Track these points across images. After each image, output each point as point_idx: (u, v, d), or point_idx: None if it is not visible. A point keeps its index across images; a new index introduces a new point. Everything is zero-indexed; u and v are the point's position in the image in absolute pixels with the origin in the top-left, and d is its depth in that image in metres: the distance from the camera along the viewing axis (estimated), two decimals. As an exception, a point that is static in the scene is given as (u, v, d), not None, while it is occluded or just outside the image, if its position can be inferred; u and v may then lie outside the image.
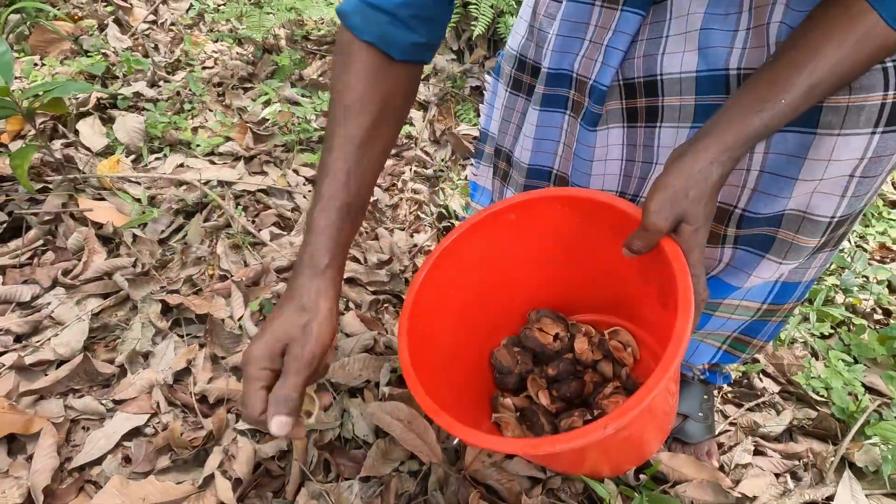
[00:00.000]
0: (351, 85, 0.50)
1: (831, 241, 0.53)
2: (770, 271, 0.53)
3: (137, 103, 1.27)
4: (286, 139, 1.14)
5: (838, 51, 0.39)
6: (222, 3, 1.72)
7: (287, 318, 0.44)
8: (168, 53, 1.59)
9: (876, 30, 0.39)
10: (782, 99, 0.41)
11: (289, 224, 0.97)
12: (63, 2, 1.72)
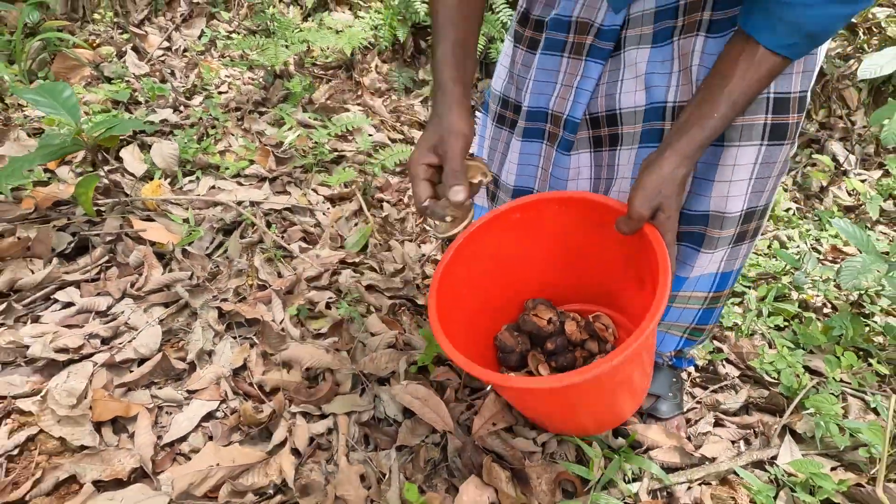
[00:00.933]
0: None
1: (746, 234, 0.70)
2: (706, 262, 0.70)
3: (163, 128, 1.39)
4: (304, 162, 1.27)
5: (743, 75, 0.55)
6: (232, 31, 1.85)
7: (431, 128, 0.61)
8: (184, 78, 1.71)
9: (764, 56, 0.54)
10: (715, 114, 0.56)
11: (313, 238, 1.10)
12: (79, 28, 1.83)
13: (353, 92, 1.65)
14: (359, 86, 1.66)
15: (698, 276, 0.74)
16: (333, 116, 1.53)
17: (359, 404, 0.76)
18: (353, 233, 1.14)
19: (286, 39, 1.42)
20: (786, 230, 1.57)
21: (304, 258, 1.01)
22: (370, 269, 1.08)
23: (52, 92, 0.90)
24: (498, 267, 0.75)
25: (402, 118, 1.61)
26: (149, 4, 1.90)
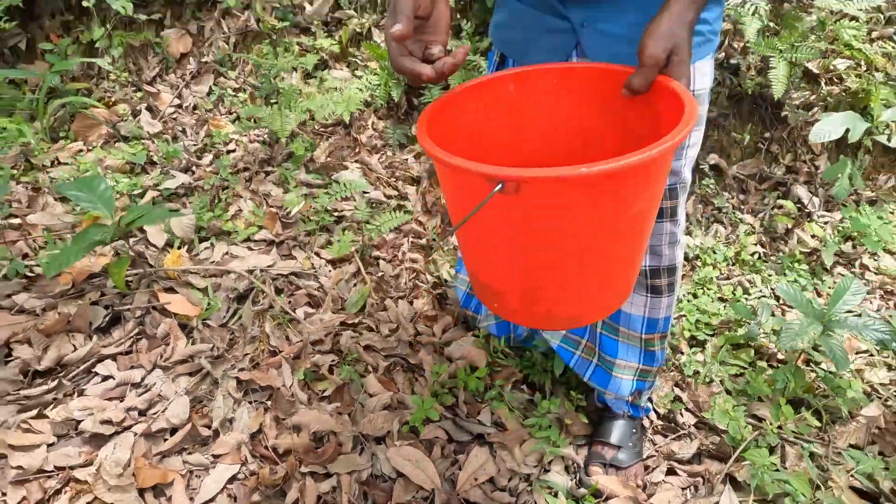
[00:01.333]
0: None
1: (660, 289, 0.87)
2: (630, 299, 0.86)
3: (178, 191, 1.53)
4: (308, 228, 1.41)
5: None
6: (238, 88, 1.99)
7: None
8: (194, 135, 1.85)
9: None
10: None
11: (317, 301, 1.24)
12: (96, 86, 1.97)
13: (352, 149, 1.79)
14: (356, 142, 1.80)
15: (629, 314, 0.90)
16: (334, 174, 1.67)
17: (358, 463, 0.89)
18: (352, 293, 1.27)
19: (290, 108, 1.56)
20: (749, 275, 1.71)
21: (307, 324, 1.14)
22: (368, 328, 1.21)
23: (90, 186, 1.03)
24: (481, 141, 0.68)
25: (396, 173, 1.75)
26: (160, 62, 2.04)
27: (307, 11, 2.03)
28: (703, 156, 2.11)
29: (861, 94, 1.94)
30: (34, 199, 1.47)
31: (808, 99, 2.12)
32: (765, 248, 1.86)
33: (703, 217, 1.98)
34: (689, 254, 1.77)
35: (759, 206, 2.05)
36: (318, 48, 1.97)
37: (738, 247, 1.80)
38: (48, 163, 1.67)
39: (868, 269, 1.80)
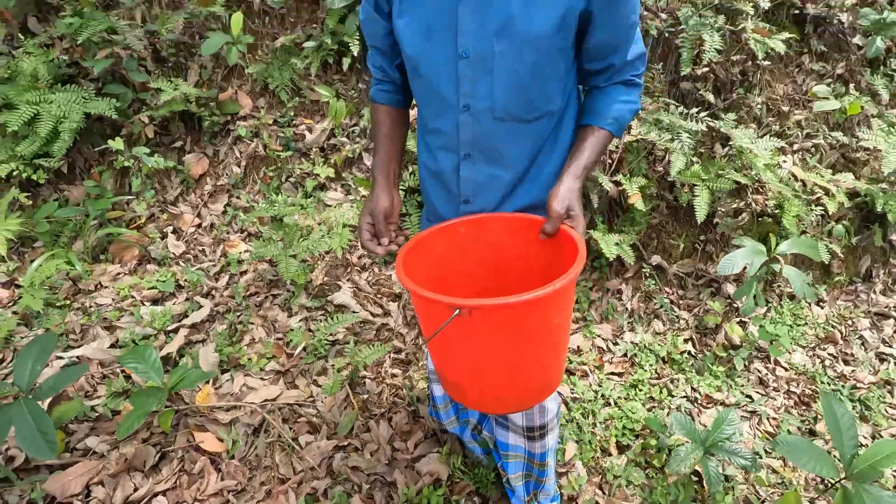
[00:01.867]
0: (381, 120, 1.05)
1: (534, 437, 1.20)
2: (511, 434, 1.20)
3: (205, 321, 1.87)
4: (308, 360, 1.75)
5: (597, 138, 0.93)
6: (248, 207, 2.33)
7: (367, 202, 0.98)
8: (212, 254, 2.20)
9: (605, 132, 0.94)
10: (586, 156, 0.92)
11: (316, 427, 1.58)
12: (126, 205, 2.32)
13: (344, 267, 2.14)
14: (348, 262, 2.14)
15: (515, 444, 1.23)
16: (330, 295, 2.01)
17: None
18: (343, 417, 1.61)
19: (292, 246, 1.91)
20: (676, 375, 2.04)
21: (307, 454, 1.48)
22: (355, 449, 1.55)
23: (143, 356, 1.38)
24: (443, 269, 0.93)
25: (381, 290, 2.10)
26: (181, 182, 2.39)
27: (307, 140, 2.39)
28: (647, 256, 2.45)
29: (777, 210, 2.29)
30: (86, 330, 1.81)
31: (738, 205, 2.47)
32: (695, 345, 2.20)
33: (645, 314, 2.32)
34: (628, 352, 2.11)
35: (694, 301, 2.40)
36: (316, 174, 2.32)
37: (670, 346, 2.14)
38: (92, 287, 2.02)
39: (780, 364, 2.14)
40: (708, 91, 2.50)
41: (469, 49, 0.86)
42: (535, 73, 0.87)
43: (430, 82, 0.92)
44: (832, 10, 2.59)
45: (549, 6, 0.83)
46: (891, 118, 2.57)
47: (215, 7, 2.34)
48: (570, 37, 0.87)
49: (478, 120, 0.92)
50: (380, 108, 1.07)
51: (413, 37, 0.90)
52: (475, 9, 0.84)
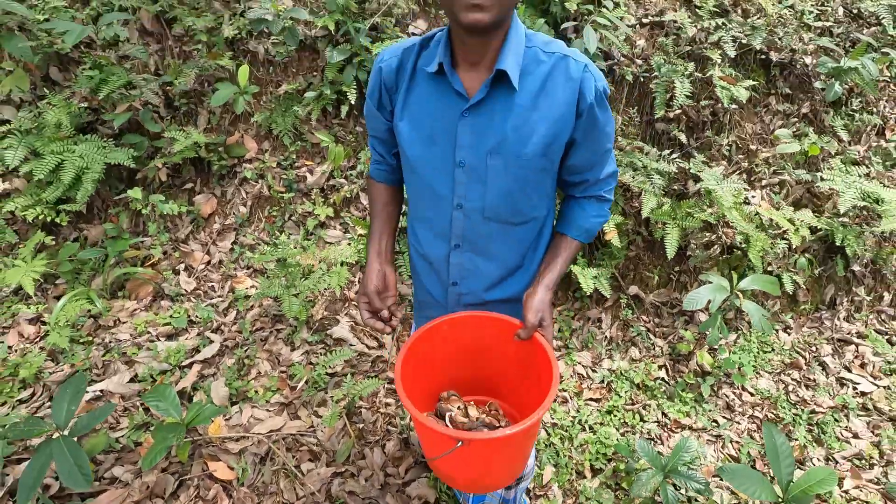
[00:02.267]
0: (377, 197, 1.16)
1: (510, 485, 1.34)
2: None
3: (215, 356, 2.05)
4: (309, 392, 1.93)
5: (569, 249, 1.08)
6: (253, 245, 2.52)
7: (364, 281, 1.08)
8: (221, 290, 2.38)
9: (577, 244, 1.10)
10: (559, 269, 1.06)
11: (317, 455, 1.75)
12: (142, 242, 2.51)
13: (342, 302, 2.32)
14: (346, 297, 2.32)
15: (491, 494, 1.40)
16: (329, 328, 2.19)
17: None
18: (341, 445, 1.78)
19: (295, 288, 2.09)
20: (649, 401, 2.21)
21: (309, 481, 1.65)
22: (351, 475, 1.72)
23: (163, 394, 1.55)
24: (427, 363, 1.06)
25: (377, 323, 2.27)
26: (192, 222, 2.58)
27: (308, 181, 2.58)
28: (625, 287, 2.63)
29: (744, 244, 2.47)
30: (107, 366, 1.99)
31: (709, 238, 2.65)
32: (668, 371, 2.37)
33: (623, 341, 2.49)
34: (605, 379, 2.28)
35: (669, 329, 2.57)
36: (317, 213, 2.51)
37: (644, 373, 2.31)
38: (111, 323, 2.20)
39: (746, 390, 2.31)
40: (681, 131, 2.69)
41: (466, 160, 0.97)
42: (523, 185, 0.99)
43: (428, 182, 1.02)
44: (795, 55, 2.79)
45: (538, 134, 0.93)
46: (852, 155, 2.76)
47: (223, 60, 2.54)
48: (555, 159, 0.99)
49: (469, 217, 1.02)
50: (377, 185, 1.19)
51: (415, 142, 1.00)
52: (473, 129, 0.95)
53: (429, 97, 0.97)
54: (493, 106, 0.94)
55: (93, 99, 2.49)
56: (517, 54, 0.91)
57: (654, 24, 2.80)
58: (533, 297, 1.01)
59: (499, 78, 0.92)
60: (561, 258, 1.07)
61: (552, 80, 0.93)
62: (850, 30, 2.95)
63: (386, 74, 1.01)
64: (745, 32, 2.70)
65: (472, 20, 0.81)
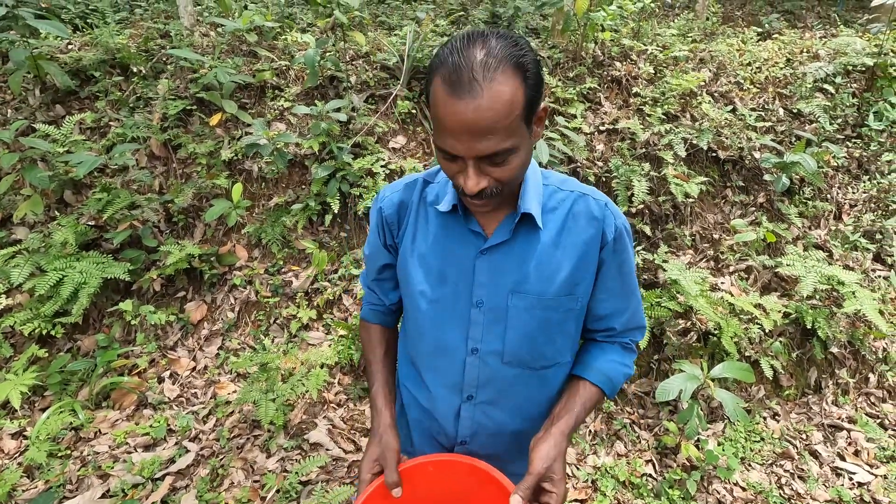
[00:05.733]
0: (376, 343, 1.04)
1: None
2: None
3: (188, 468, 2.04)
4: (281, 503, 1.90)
5: (587, 395, 0.92)
6: (238, 349, 2.60)
7: (374, 444, 0.91)
8: (203, 395, 2.42)
9: (597, 390, 0.93)
10: (576, 414, 0.89)
11: (282, 573, 1.68)
12: (132, 351, 2.58)
13: (321, 404, 2.34)
14: (325, 400, 2.35)
15: None
16: (307, 432, 2.19)
17: None
18: (310, 561, 1.72)
19: (273, 392, 2.13)
20: (634, 499, 2.13)
21: None
22: None
23: (129, 511, 1.55)
24: None
25: (355, 426, 2.28)
26: (182, 328, 2.68)
27: (293, 286, 2.72)
28: (606, 377, 2.63)
29: (716, 330, 2.51)
30: (81, 481, 1.98)
31: (685, 325, 2.70)
32: (655, 466, 2.30)
33: (607, 435, 2.45)
34: (590, 477, 2.21)
35: (654, 420, 2.53)
36: (300, 317, 2.61)
37: (629, 470, 2.24)
38: (92, 434, 2.22)
39: (738, 484, 2.23)
40: (645, 224, 2.86)
41: (485, 299, 0.89)
42: (546, 328, 0.90)
43: (437, 325, 0.92)
44: (743, 152, 3.04)
45: (563, 272, 0.88)
46: (813, 240, 2.89)
47: (219, 180, 2.80)
48: (581, 300, 0.91)
49: (486, 363, 0.92)
50: (372, 327, 1.07)
51: (423, 281, 0.92)
52: (492, 267, 0.88)
53: (440, 235, 0.92)
54: (513, 244, 0.88)
55: (98, 218, 2.73)
56: (538, 193, 0.88)
57: (611, 131, 3.10)
58: (544, 441, 0.83)
59: (522, 219, 0.88)
60: (578, 403, 0.90)
61: (573, 219, 0.89)
62: (791, 127, 3.24)
63: (388, 212, 0.96)
64: (693, 135, 2.97)
65: (477, 208, 0.82)
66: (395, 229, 0.96)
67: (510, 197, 0.86)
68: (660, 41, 3.55)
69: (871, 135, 3.20)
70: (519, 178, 0.79)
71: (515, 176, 0.77)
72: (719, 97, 3.33)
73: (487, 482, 0.86)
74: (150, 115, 3.04)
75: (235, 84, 3.05)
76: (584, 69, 3.29)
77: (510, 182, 0.77)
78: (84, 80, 3.18)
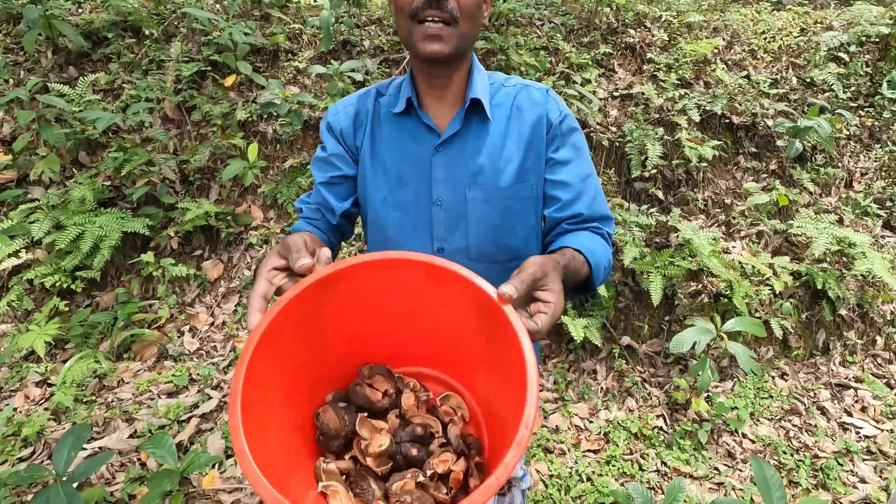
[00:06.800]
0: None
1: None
2: None
3: (213, 412, 2.09)
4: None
5: (569, 255, 0.80)
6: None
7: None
8: (223, 349, 2.46)
9: (581, 258, 0.82)
10: (567, 260, 0.77)
11: None
12: (150, 307, 2.62)
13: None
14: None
15: None
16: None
17: None
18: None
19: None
20: (647, 450, 2.18)
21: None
22: None
23: (160, 443, 1.59)
24: (335, 326, 0.65)
25: None
26: (199, 286, 2.72)
27: (309, 245, 2.74)
28: (617, 337, 2.67)
29: (727, 291, 2.55)
30: (108, 423, 2.03)
31: (695, 288, 2.73)
32: (666, 420, 2.36)
33: (619, 392, 2.50)
34: (602, 430, 2.26)
35: (664, 378, 2.58)
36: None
37: (641, 423, 2.29)
38: (115, 383, 2.26)
39: (746, 436, 2.28)
40: (658, 189, 2.88)
41: (443, 197, 0.92)
42: (506, 217, 0.92)
43: (401, 229, 0.94)
44: (757, 118, 3.04)
45: (515, 160, 0.91)
46: (823, 205, 2.91)
47: (235, 140, 2.81)
48: (535, 186, 0.93)
49: (453, 260, 0.97)
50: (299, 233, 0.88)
51: (385, 184, 0.94)
52: (447, 163, 0.91)
53: (395, 138, 0.94)
54: (465, 137, 0.92)
55: (115, 177, 2.74)
56: (485, 87, 0.93)
57: (624, 96, 3.10)
58: (536, 256, 0.69)
59: (472, 108, 0.92)
60: (566, 255, 0.80)
61: (517, 109, 0.94)
62: (805, 96, 3.24)
63: (344, 124, 0.96)
64: (707, 101, 2.97)
65: (430, 51, 0.83)
66: (352, 140, 0.96)
67: (459, 86, 0.92)
68: (674, 8, 3.53)
69: (884, 104, 3.20)
70: (472, 24, 0.84)
71: (472, 11, 0.83)
72: (733, 65, 3.33)
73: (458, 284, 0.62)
74: (164, 77, 3.04)
75: (249, 46, 3.04)
76: (598, 35, 3.28)
77: (467, 14, 0.82)
78: (96, 42, 3.17)
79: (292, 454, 0.60)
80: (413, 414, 0.67)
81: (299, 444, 0.62)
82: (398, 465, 0.63)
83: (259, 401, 0.55)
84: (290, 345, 0.60)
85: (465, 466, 0.62)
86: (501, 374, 0.60)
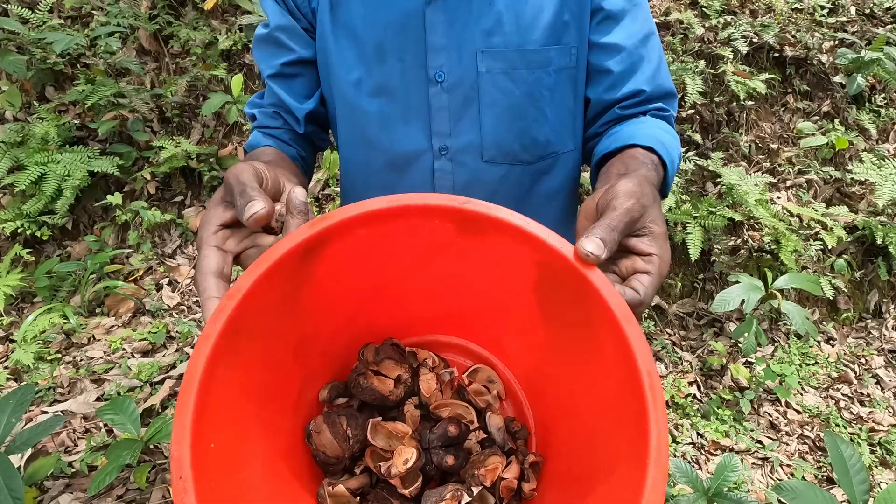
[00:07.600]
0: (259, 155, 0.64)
1: None
2: None
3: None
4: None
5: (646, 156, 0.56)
6: (244, 258, 2.37)
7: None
8: (206, 305, 2.21)
9: (654, 157, 0.56)
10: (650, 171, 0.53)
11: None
12: (127, 258, 2.37)
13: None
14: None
15: None
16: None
17: None
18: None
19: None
20: (681, 419, 1.95)
21: None
22: None
23: (121, 407, 1.35)
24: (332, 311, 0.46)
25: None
26: (180, 236, 2.45)
27: (301, 191, 2.45)
28: (645, 296, 2.40)
29: (774, 246, 2.25)
30: (73, 384, 1.80)
31: (734, 243, 2.44)
32: (700, 388, 2.11)
33: (646, 356, 2.25)
34: (630, 398, 2.02)
35: (697, 342, 2.32)
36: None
37: (674, 389, 2.05)
38: (85, 340, 2.03)
39: (791, 406, 2.04)
40: (695, 132, 2.55)
41: (445, 71, 0.64)
42: (536, 98, 0.65)
43: (385, 123, 0.67)
44: (811, 52, 2.67)
45: (547, 9, 0.63)
46: (881, 152, 2.57)
47: (217, 70, 2.48)
48: (577, 50, 0.65)
49: (462, 165, 0.67)
50: (261, 149, 0.67)
51: (359, 59, 0.65)
52: (448, 19, 0.62)
53: None
54: None
55: (84, 114, 2.43)
56: None
57: (661, 24, 2.72)
58: (626, 179, 0.44)
59: None
60: (639, 162, 0.55)
61: None
62: (864, 28, 2.85)
63: None
64: (756, 30, 2.59)
65: None
66: (305, 1, 0.67)
67: None
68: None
69: (955, 37, 2.80)
70: None
71: None
72: (783, -8, 2.92)
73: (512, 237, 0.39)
74: (137, 1, 2.68)
75: (232, -37, 2.66)
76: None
77: None
78: (61, -40, 2.79)
79: (281, 481, 0.42)
80: (437, 402, 0.49)
81: (286, 470, 0.44)
82: (428, 474, 0.46)
83: (222, 428, 0.36)
84: (262, 345, 0.41)
85: (517, 472, 0.43)
86: (578, 367, 0.41)
